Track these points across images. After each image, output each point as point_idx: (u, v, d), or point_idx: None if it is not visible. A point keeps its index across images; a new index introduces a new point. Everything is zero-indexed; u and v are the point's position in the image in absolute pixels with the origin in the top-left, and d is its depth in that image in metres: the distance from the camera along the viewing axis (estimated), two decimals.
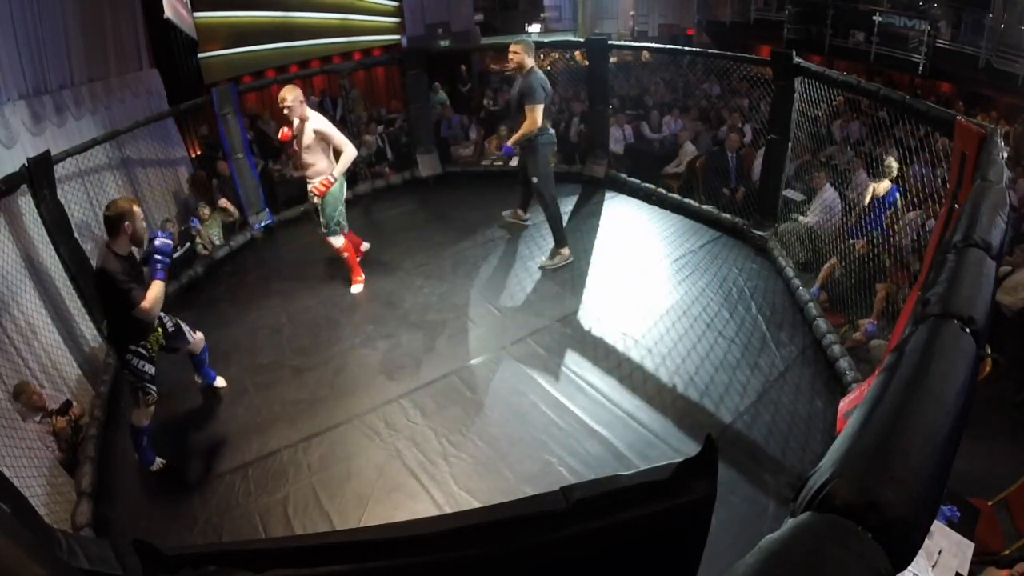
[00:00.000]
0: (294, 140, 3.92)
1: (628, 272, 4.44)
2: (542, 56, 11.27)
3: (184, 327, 3.15)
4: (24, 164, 3.41)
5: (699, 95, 8.93)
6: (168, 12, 5.53)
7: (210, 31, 7.58)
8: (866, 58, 10.35)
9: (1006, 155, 2.22)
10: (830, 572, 0.59)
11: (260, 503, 2.75)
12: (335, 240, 4.16)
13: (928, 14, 10.26)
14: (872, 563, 0.60)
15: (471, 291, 4.33)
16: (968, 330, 1.01)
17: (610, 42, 5.87)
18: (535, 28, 14.29)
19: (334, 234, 4.11)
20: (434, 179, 6.46)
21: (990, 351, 3.12)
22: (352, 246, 4.39)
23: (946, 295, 1.12)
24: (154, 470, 2.96)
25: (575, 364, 3.53)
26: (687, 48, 8.48)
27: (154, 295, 2.68)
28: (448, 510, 2.62)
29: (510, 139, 4.33)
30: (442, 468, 2.87)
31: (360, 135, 6.69)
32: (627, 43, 10.16)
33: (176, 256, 2.71)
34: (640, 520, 0.78)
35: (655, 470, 0.78)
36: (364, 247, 4.71)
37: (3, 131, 3.75)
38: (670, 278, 4.38)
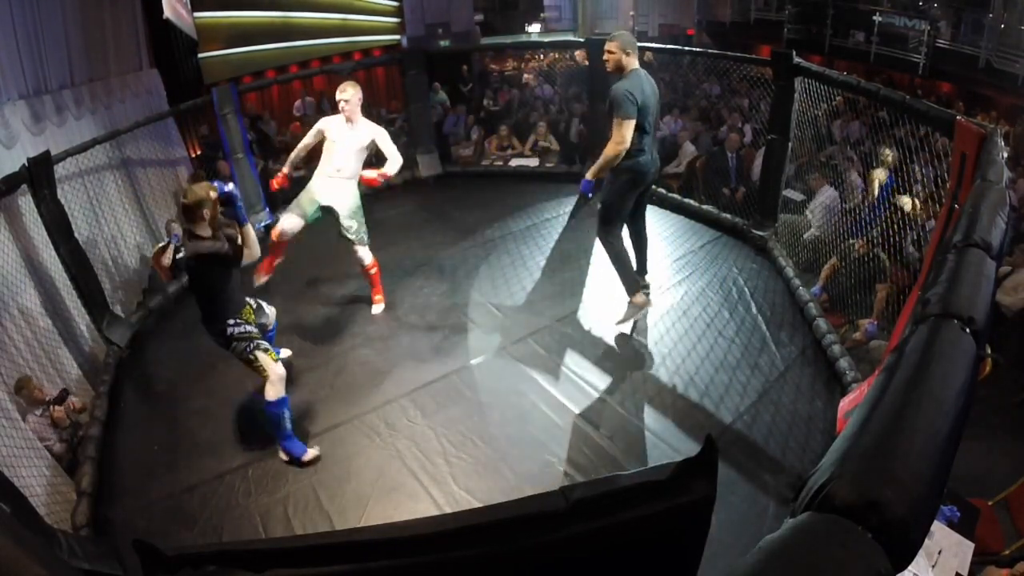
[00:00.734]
0: (329, 143, 3.83)
1: None
2: (542, 56, 11.27)
3: (263, 303, 3.25)
4: (24, 164, 3.41)
5: (699, 95, 8.92)
6: (168, 12, 5.52)
7: (210, 31, 7.57)
8: (866, 58, 10.34)
9: (1006, 155, 2.22)
10: (830, 572, 0.59)
11: (260, 503, 2.75)
12: (367, 253, 3.94)
13: (928, 14, 10.25)
14: (872, 563, 0.60)
15: (471, 291, 4.33)
16: (968, 330, 1.01)
17: None
18: (535, 28, 14.26)
19: (364, 244, 3.92)
20: (434, 179, 6.46)
21: (990, 351, 3.11)
22: (272, 258, 3.97)
23: (946, 295, 1.12)
24: (307, 460, 2.89)
25: (575, 364, 3.53)
26: (687, 48, 8.48)
27: (251, 238, 2.85)
28: (448, 510, 2.62)
29: (588, 172, 3.38)
30: (442, 468, 2.88)
31: None
32: None
33: (179, 257, 2.73)
34: (640, 520, 0.78)
35: (655, 470, 0.78)
36: (278, 262, 4.09)
37: (3, 131, 3.75)
38: (670, 278, 4.38)
